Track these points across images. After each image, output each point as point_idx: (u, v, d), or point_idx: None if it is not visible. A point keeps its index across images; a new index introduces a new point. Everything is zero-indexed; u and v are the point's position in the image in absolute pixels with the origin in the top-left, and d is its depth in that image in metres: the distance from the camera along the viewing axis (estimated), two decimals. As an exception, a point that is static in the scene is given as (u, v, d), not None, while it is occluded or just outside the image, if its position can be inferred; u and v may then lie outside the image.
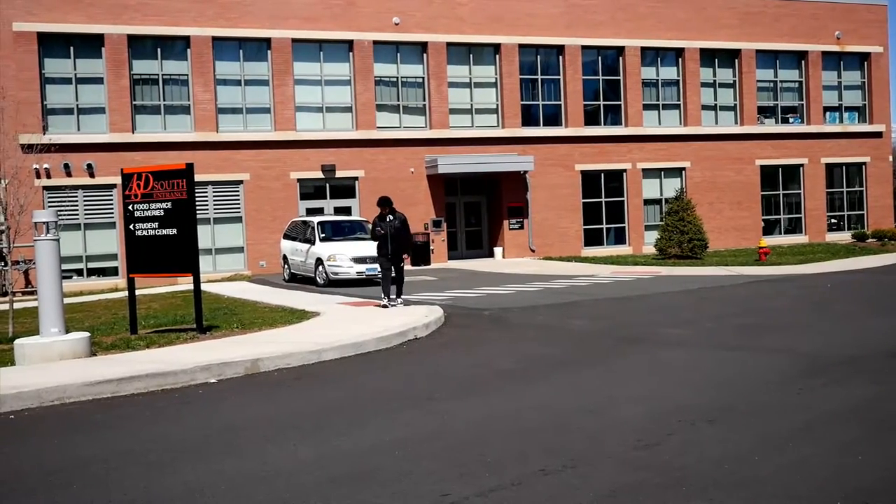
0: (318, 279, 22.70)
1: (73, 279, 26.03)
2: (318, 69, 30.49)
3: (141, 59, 28.46)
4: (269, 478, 5.14)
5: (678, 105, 35.47)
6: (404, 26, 30.94)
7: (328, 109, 30.72)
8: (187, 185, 11.31)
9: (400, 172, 31.01)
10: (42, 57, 27.22)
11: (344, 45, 30.70)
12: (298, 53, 30.02)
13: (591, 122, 34.01)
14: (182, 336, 11.14)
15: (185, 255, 11.34)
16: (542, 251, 32.54)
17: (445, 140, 31.53)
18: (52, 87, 27.60)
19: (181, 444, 6.11)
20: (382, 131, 30.99)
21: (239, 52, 29.53)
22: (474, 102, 32.63)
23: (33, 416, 7.23)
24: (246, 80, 29.71)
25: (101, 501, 4.78)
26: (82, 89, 27.91)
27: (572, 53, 33.22)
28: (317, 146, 30.06)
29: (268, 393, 8.04)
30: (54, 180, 26.90)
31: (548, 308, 14.67)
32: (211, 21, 28.63)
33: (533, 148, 32.37)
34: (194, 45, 28.61)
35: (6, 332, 13.02)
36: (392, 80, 31.57)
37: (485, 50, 32.67)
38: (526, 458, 5.38)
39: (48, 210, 9.82)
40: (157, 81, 28.72)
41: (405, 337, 11.05)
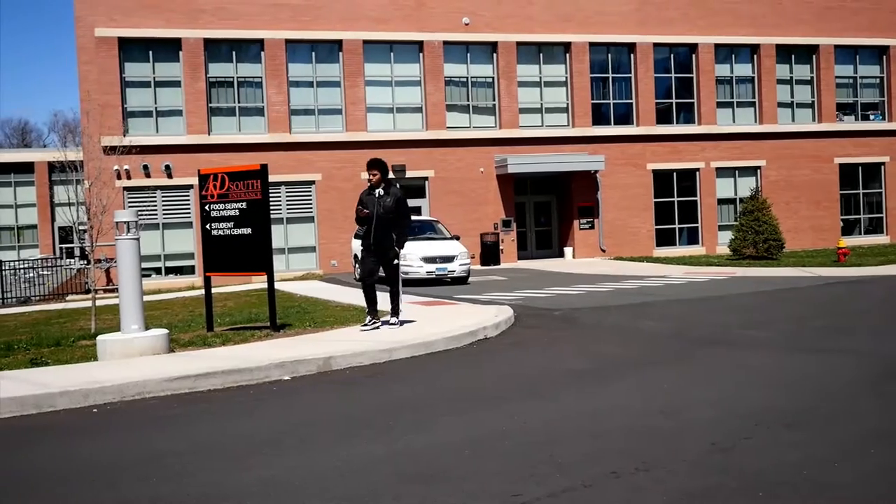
0: (388, 278, 22.79)
1: (152, 277, 26.73)
2: (389, 70, 30.73)
3: (216, 62, 29.07)
4: (342, 474, 5.20)
5: (753, 103, 34.73)
6: (474, 26, 30.96)
7: (398, 110, 30.92)
8: (262, 185, 11.50)
9: (469, 172, 31.05)
10: (122, 61, 28.02)
11: (414, 46, 30.86)
12: (369, 55, 30.29)
13: (663, 120, 33.54)
14: (256, 334, 11.34)
15: (259, 254, 11.54)
16: (613, 251, 32.22)
17: (515, 140, 31.46)
18: (131, 90, 28.39)
19: (256, 439, 6.22)
20: (452, 131, 31.07)
21: (311, 54, 29.94)
22: (544, 102, 32.48)
23: (115, 410, 7.44)
24: (318, 82, 30.10)
25: (178, 494, 4.90)
26: (160, 92, 28.65)
27: (644, 51, 32.80)
28: (387, 146, 30.28)
29: (340, 390, 8.13)
30: (134, 181, 27.66)
31: (619, 309, 14.52)
32: (284, 24, 29.09)
33: (604, 147, 32.06)
34: (268, 47, 29.10)
35: (89, 329, 13.45)
36: (462, 80, 31.63)
37: (555, 49, 32.49)
38: (597, 459, 5.34)
39: (129, 210, 10.09)
40: (233, 84, 29.31)
41: (475, 337, 11.06)
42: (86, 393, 7.62)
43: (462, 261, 22.65)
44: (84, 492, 5.03)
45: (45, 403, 7.40)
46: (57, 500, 4.89)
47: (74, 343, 11.45)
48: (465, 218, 30.16)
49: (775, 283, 18.54)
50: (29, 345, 11.34)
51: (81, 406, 7.51)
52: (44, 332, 13.95)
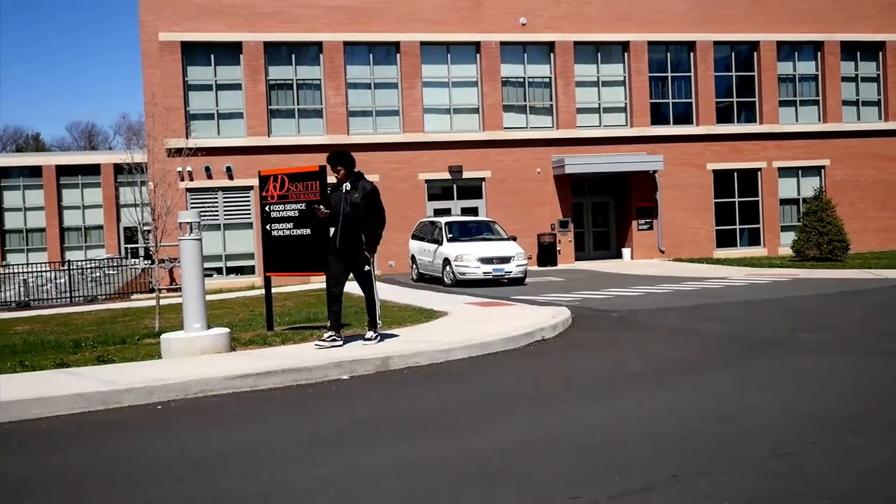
0: (445, 279, 22.96)
1: (213, 277, 27.21)
2: (446, 71, 30.82)
3: (276, 65, 29.48)
4: (400, 474, 5.24)
5: (817, 101, 34.03)
6: (531, 26, 30.89)
7: (455, 111, 30.99)
8: (320, 186, 11.61)
9: (526, 173, 30.99)
10: (185, 65, 28.58)
11: (471, 47, 30.91)
12: (426, 56, 30.43)
13: (724, 119, 33.06)
14: (315, 333, 11.47)
15: (318, 254, 11.64)
16: (672, 252, 31.86)
17: (572, 140, 31.31)
18: (194, 93, 28.94)
19: (315, 438, 6.30)
20: (509, 132, 31.04)
21: (369, 56, 30.18)
22: (602, 101, 32.27)
23: (179, 407, 7.59)
24: (375, 84, 30.33)
25: (241, 491, 4.99)
26: (222, 95, 29.16)
27: (704, 50, 32.38)
28: (444, 147, 30.38)
29: (398, 390, 8.19)
30: (196, 182, 28.19)
31: (678, 310, 14.36)
32: (342, 26, 29.37)
33: (662, 147, 31.74)
34: (326, 50, 29.41)
35: (153, 327, 13.76)
36: (519, 81, 31.58)
37: (613, 48, 32.25)
38: (657, 463, 5.29)
39: (191, 211, 10.28)
40: (292, 86, 29.69)
41: (532, 338, 11.04)
42: (150, 390, 7.80)
43: (519, 262, 22.61)
44: (150, 487, 5.15)
45: (111, 400, 7.59)
46: (123, 496, 5.02)
47: (139, 341, 11.71)
48: (522, 219, 30.09)
49: (839, 286, 18.14)
50: (96, 342, 11.63)
51: (146, 403, 7.68)
52: (110, 330, 14.29)
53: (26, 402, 7.28)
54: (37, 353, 10.76)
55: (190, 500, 4.83)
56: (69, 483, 5.30)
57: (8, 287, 30.96)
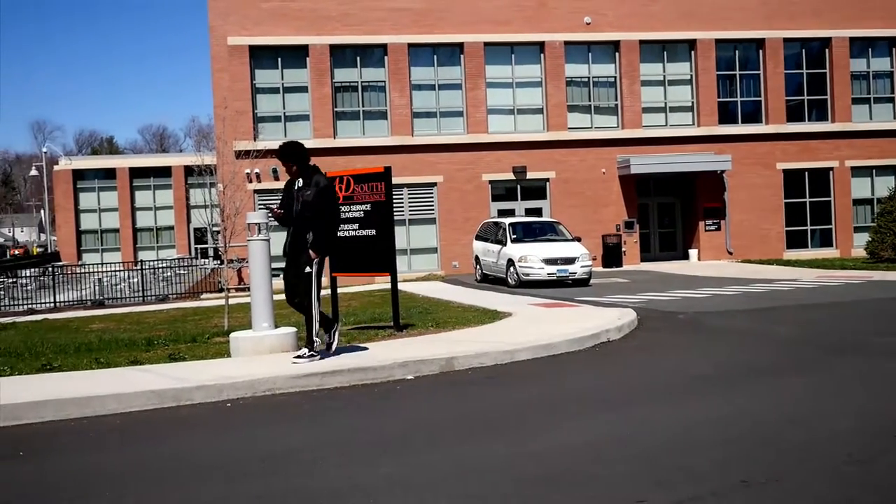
0: (509, 280, 22.92)
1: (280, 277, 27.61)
2: (510, 71, 30.77)
3: (341, 67, 29.79)
4: (464, 474, 5.25)
5: (891, 98, 33.11)
6: (596, 25, 30.65)
7: (519, 111, 30.93)
8: (385, 187, 11.71)
9: (591, 173, 30.76)
10: (253, 69, 29.08)
11: (535, 47, 30.81)
12: (490, 56, 30.41)
13: (794, 118, 32.34)
14: (380, 333, 11.57)
15: (383, 255, 11.76)
16: (741, 254, 31.27)
17: (638, 140, 30.98)
18: (261, 96, 29.42)
19: (381, 437, 6.36)
20: (573, 132, 30.84)
21: (433, 57, 30.28)
22: (668, 101, 31.86)
23: (247, 405, 7.73)
24: (440, 85, 30.43)
25: (308, 488, 5.07)
26: (288, 98, 29.58)
27: (773, 47, 31.72)
28: (508, 148, 30.31)
29: (462, 391, 8.21)
30: (264, 184, 28.65)
31: (747, 313, 14.10)
32: (407, 28, 29.52)
33: (730, 146, 31.18)
34: (391, 52, 29.61)
35: (222, 326, 14.03)
36: (583, 81, 31.37)
37: (679, 46, 31.82)
38: (726, 468, 5.21)
39: (259, 212, 10.46)
40: (357, 88, 29.97)
41: (598, 339, 10.96)
42: (220, 388, 7.96)
43: (583, 262, 22.47)
44: (220, 484, 5.26)
45: (183, 397, 7.76)
46: (194, 491, 5.14)
47: (209, 340, 11.95)
48: (587, 219, 29.87)
49: (917, 288, 17.60)
50: (167, 340, 11.91)
51: (216, 400, 7.83)
52: (180, 328, 14.61)
53: (102, 397, 7.50)
54: (111, 350, 11.06)
55: (259, 498, 4.92)
56: (143, 477, 5.44)
57: (84, 286, 31.92)
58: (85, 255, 50.70)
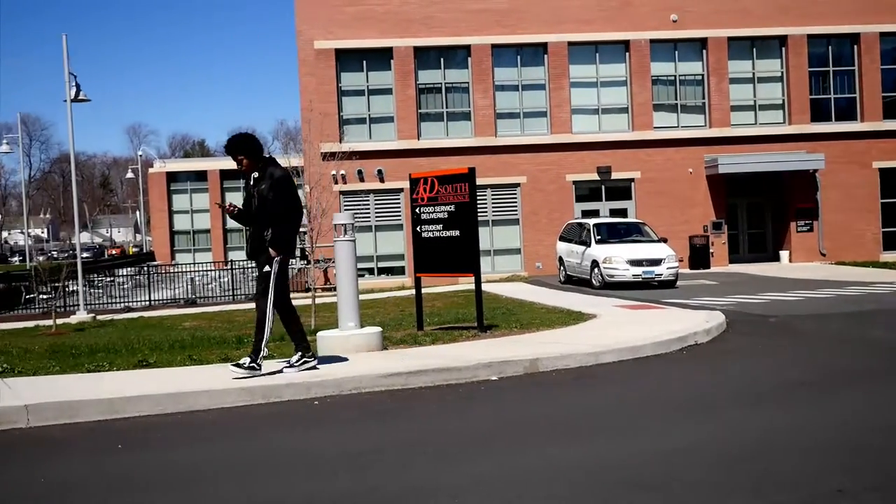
0: (593, 281, 22.73)
1: (365, 277, 27.97)
2: (594, 71, 30.51)
3: (425, 69, 30.00)
4: (549, 476, 5.24)
5: None
6: (682, 23, 30.14)
7: (604, 111, 30.64)
8: (469, 188, 11.75)
9: (677, 173, 30.25)
10: (339, 72, 29.52)
11: (620, 46, 30.48)
12: (574, 56, 30.22)
13: (892, 115, 31.19)
14: (464, 333, 11.61)
15: (467, 256, 11.80)
16: (834, 255, 30.31)
17: (726, 139, 30.34)
18: (347, 98, 29.85)
19: (466, 437, 6.39)
20: (659, 131, 30.41)
21: (516, 57, 30.25)
22: (758, 98, 31.14)
23: (334, 403, 7.86)
24: (523, 85, 30.37)
25: (394, 486, 5.13)
26: (373, 100, 29.94)
27: (868, 42, 30.66)
28: (592, 148, 30.06)
29: (546, 393, 8.19)
30: (349, 185, 29.06)
31: (842, 316, 13.67)
32: (490, 29, 29.56)
33: (823, 145, 30.25)
34: (474, 53, 29.68)
35: (309, 325, 14.28)
36: (669, 79, 30.90)
37: (769, 42, 31.05)
38: (819, 475, 5.07)
39: (345, 213, 10.61)
40: (441, 90, 30.12)
41: (684, 343, 10.78)
42: (308, 386, 8.11)
43: (670, 264, 22.13)
44: (309, 481, 5.36)
45: (272, 394, 7.94)
46: (284, 487, 5.25)
47: (296, 338, 12.15)
48: (673, 220, 29.38)
49: None
50: (257, 339, 12.16)
51: (304, 398, 7.98)
52: (269, 327, 14.91)
53: (196, 393, 7.73)
54: (203, 348, 11.37)
55: (346, 495, 5.01)
56: (234, 472, 5.59)
57: (177, 285, 32.94)
58: (178, 255, 52.29)
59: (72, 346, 12.25)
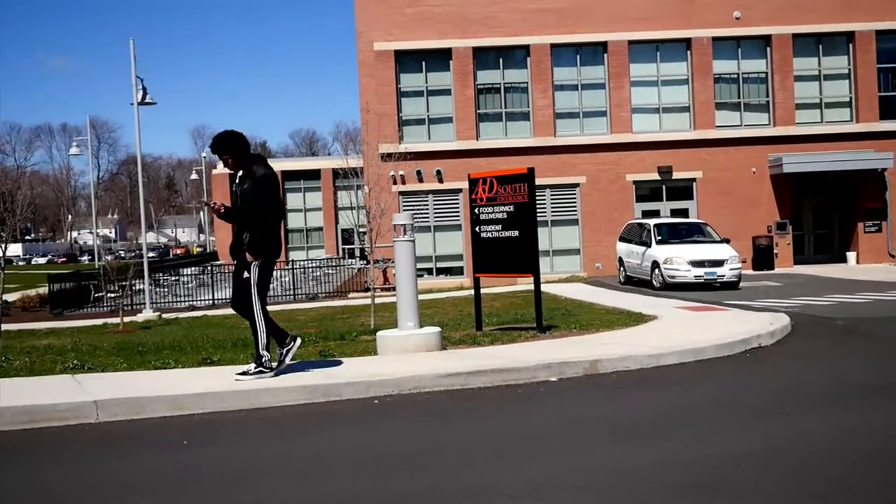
0: (653, 282, 22.50)
1: (424, 277, 28.08)
2: (655, 69, 30.19)
3: (484, 69, 30.00)
4: (609, 478, 5.19)
5: None
6: (746, 20, 29.64)
7: (664, 110, 30.29)
8: (528, 188, 11.72)
9: (740, 173, 29.76)
10: (398, 73, 29.68)
11: (681, 44, 30.10)
12: (634, 55, 29.94)
13: (966, 111, 30.17)
14: (523, 334, 11.58)
15: (526, 256, 11.77)
16: (904, 256, 29.45)
17: (790, 137, 29.74)
18: (406, 99, 29.99)
19: (524, 438, 6.37)
20: (722, 130, 29.96)
21: (576, 57, 30.08)
22: (823, 96, 30.48)
23: (393, 402, 7.91)
24: (582, 85, 30.18)
25: (452, 486, 5.13)
26: (432, 101, 30.03)
27: (943, 36, 29.70)
28: (653, 147, 29.74)
29: (607, 394, 8.12)
30: (408, 186, 29.18)
31: (912, 320, 13.29)
32: (549, 29, 29.44)
33: (893, 143, 29.45)
34: (533, 52, 29.59)
35: (369, 325, 14.40)
36: (732, 77, 30.42)
37: (835, 39, 30.35)
38: (888, 483, 4.94)
39: (405, 213, 10.66)
40: (499, 90, 30.09)
41: (748, 345, 10.59)
42: (368, 385, 8.17)
43: (732, 265, 21.79)
44: (368, 478, 5.40)
45: (332, 393, 8.01)
46: (342, 484, 5.30)
47: (356, 338, 12.26)
48: (736, 220, 28.88)
49: None
50: (317, 338, 12.30)
51: (364, 397, 8.04)
52: (329, 326, 15.09)
53: (258, 391, 7.84)
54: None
55: (404, 494, 5.03)
56: (293, 470, 5.65)
57: (238, 284, 33.36)
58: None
59: (138, 344, 12.54)
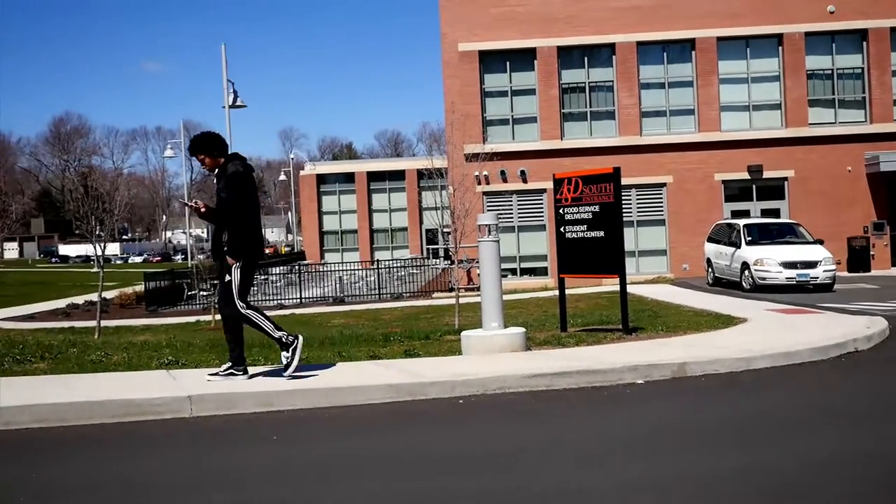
0: (743, 284, 22.01)
1: (508, 278, 28.05)
2: (745, 66, 29.53)
3: (569, 68, 29.82)
4: (696, 483, 5.11)
5: None
6: (840, 14, 28.73)
7: (755, 107, 29.60)
8: (614, 188, 11.61)
9: (835, 171, 28.86)
10: (482, 73, 29.73)
11: (772, 40, 29.36)
12: (723, 52, 29.35)
13: None
14: (608, 336, 11.48)
15: (611, 257, 11.67)
16: None
17: (888, 135, 28.73)
18: (490, 100, 30.02)
19: (609, 441, 6.32)
20: (815, 128, 29.10)
21: (662, 54, 29.64)
22: (925, 91, 29.25)
23: (478, 402, 7.94)
24: (669, 83, 29.71)
25: (537, 487, 5.13)
26: (516, 101, 29.99)
27: None
28: (742, 146, 29.09)
29: (695, 398, 8.00)
30: (492, 186, 29.20)
31: None
32: (635, 27, 29.08)
33: None
34: (619, 51, 29.27)
35: (453, 325, 14.48)
36: (826, 73, 29.53)
37: (939, 31, 29.10)
38: None
39: (489, 213, 10.68)
40: (584, 89, 29.87)
41: (843, 349, 10.27)
42: (453, 384, 8.22)
43: (826, 267, 21.15)
44: (453, 477, 5.43)
45: (418, 392, 8.09)
46: (426, 483, 5.35)
47: (441, 337, 12.35)
48: (830, 221, 28.00)
49: None
50: (402, 337, 12.44)
51: (448, 396, 8.09)
52: (414, 325, 15.24)
53: (345, 389, 7.97)
54: (352, 345, 11.72)
55: (488, 493, 5.05)
56: (379, 467, 5.72)
57: (326, 283, 34.02)
58: (327, 255, 53.98)
59: (229, 341, 12.84)
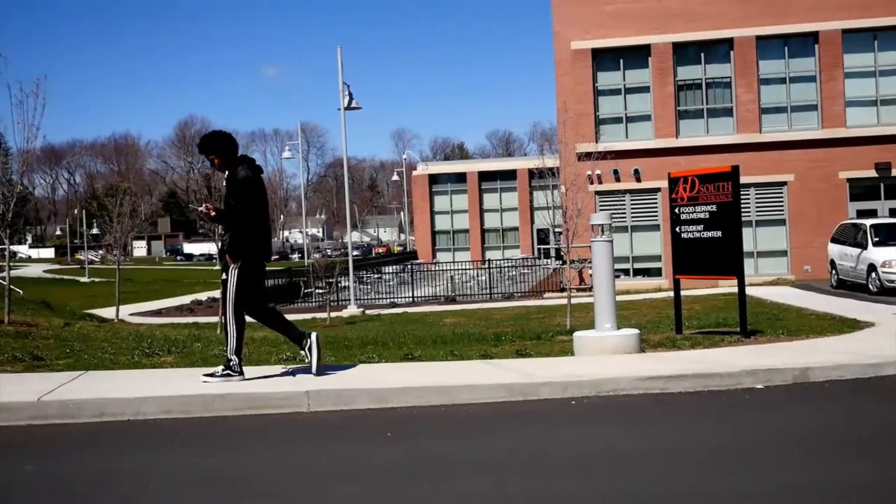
0: (869, 286, 21.08)
1: (620, 278, 27.66)
2: (872, 59, 28.27)
3: (684, 65, 29.19)
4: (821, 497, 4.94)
5: None
6: (980, 1, 27.09)
7: (883, 102, 28.31)
8: (732, 187, 11.33)
9: (972, 168, 27.24)
10: (595, 71, 29.42)
11: (903, 31, 27.94)
12: (848, 45, 28.17)
13: None
14: (725, 338, 11.20)
15: (729, 257, 11.39)
16: None
17: None
18: (603, 98, 29.68)
19: (728, 447, 6.16)
20: (949, 122, 27.55)
21: (783, 49, 28.70)
22: None
23: (590, 403, 7.87)
24: (790, 78, 28.74)
25: (651, 492, 5.05)
26: (630, 99, 29.56)
27: None
28: (869, 143, 27.84)
29: (818, 404, 7.72)
30: (605, 185, 28.86)
31: None
32: (754, 20, 28.23)
33: None
34: (737, 46, 28.49)
35: (564, 325, 14.40)
36: (963, 64, 27.92)
37: None
38: None
39: (602, 213, 10.58)
40: (700, 86, 29.19)
41: (979, 356, 9.70)
42: (565, 385, 8.17)
43: (961, 269, 20.02)
44: (568, 478, 5.41)
45: (530, 392, 8.08)
46: (539, 484, 5.34)
47: (552, 338, 12.29)
48: (966, 220, 26.50)
49: None
50: (514, 337, 12.45)
51: (560, 397, 8.04)
52: (525, 325, 15.23)
53: (457, 388, 8.04)
54: (463, 344, 11.79)
55: (603, 495, 5.00)
56: (488, 466, 5.74)
57: (437, 283, 34.34)
58: (438, 254, 54.46)
59: (344, 339, 13.16)
